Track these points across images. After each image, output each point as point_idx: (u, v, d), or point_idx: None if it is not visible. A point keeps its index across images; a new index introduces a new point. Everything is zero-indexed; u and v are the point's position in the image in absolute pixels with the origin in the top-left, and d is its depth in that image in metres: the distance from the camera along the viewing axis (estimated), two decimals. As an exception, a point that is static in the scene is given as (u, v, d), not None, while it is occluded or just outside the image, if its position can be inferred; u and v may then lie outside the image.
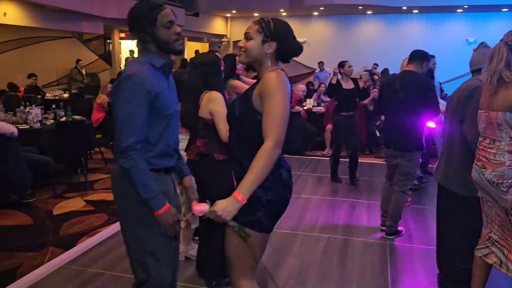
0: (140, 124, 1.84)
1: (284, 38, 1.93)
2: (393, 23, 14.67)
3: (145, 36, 1.89)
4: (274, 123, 1.81)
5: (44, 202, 4.91)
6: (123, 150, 1.82)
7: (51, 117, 6.16)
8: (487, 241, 2.67)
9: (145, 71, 1.87)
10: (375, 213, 4.77)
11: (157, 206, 1.88)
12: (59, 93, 10.15)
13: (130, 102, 1.82)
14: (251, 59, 1.96)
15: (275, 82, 1.84)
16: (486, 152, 2.52)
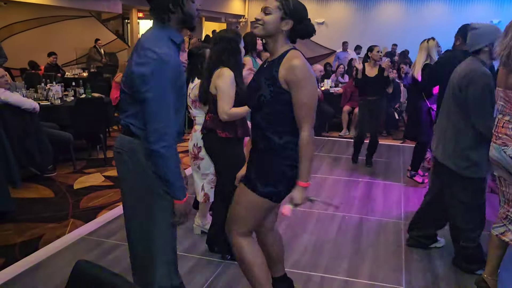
0: (173, 108, 1.83)
1: (302, 19, 2.03)
2: (414, 4, 14.35)
3: (175, 7, 1.82)
4: (307, 113, 2.00)
5: (65, 176, 5.03)
6: (164, 139, 1.79)
7: (71, 94, 6.25)
8: (504, 219, 2.67)
9: (172, 52, 1.83)
10: (390, 194, 4.77)
11: (182, 196, 1.93)
12: (78, 71, 10.24)
13: (163, 86, 1.77)
14: (266, 33, 2.03)
15: (304, 72, 1.96)
16: (506, 129, 2.50)
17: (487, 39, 2.79)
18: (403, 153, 6.54)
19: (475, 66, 2.79)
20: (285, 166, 2.09)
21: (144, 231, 1.97)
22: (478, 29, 2.85)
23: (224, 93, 2.77)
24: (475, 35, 2.85)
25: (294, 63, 1.96)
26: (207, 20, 15.61)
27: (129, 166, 1.94)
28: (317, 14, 14.19)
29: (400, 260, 3.27)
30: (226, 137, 2.87)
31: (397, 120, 8.26)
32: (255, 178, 2.14)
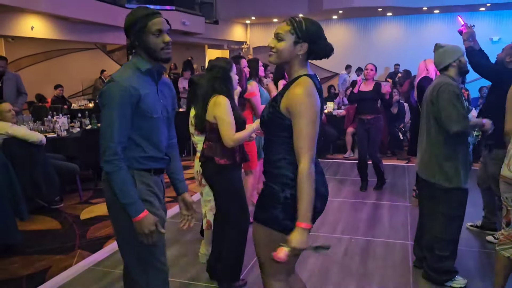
0: (121, 129, 1.89)
1: (316, 39, 1.91)
2: (414, 24, 14.53)
3: (135, 40, 1.95)
4: (306, 143, 1.82)
5: (72, 207, 5.07)
6: (105, 155, 1.89)
7: (77, 126, 6.35)
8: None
9: (128, 75, 1.93)
10: (396, 215, 4.75)
11: (135, 213, 1.92)
12: (84, 103, 10.41)
13: (111, 108, 1.88)
14: (282, 60, 1.93)
15: (302, 101, 1.82)
16: None
17: (453, 56, 3.02)
18: (408, 173, 6.53)
19: (441, 80, 3.00)
20: (277, 185, 1.91)
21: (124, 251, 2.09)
22: (443, 47, 3.09)
23: (225, 121, 2.81)
24: (442, 54, 3.07)
25: (296, 90, 1.85)
26: (210, 47, 15.88)
27: (108, 191, 2.03)
28: (318, 38, 14.36)
29: (408, 282, 3.24)
30: (225, 164, 2.90)
31: (401, 140, 8.27)
32: (256, 205, 2.04)
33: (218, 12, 14.19)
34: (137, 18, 1.93)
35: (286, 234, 1.87)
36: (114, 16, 10.73)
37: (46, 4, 8.73)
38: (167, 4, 12.30)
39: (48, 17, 9.52)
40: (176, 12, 12.19)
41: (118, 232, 2.09)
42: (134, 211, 1.92)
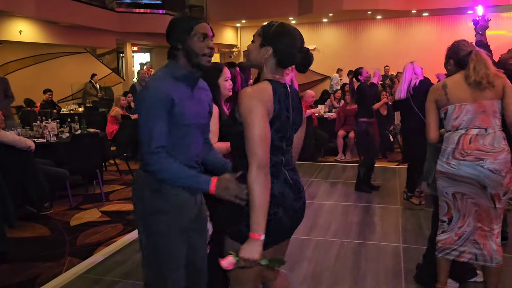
0: (159, 130, 1.88)
1: (278, 43, 1.79)
2: (403, 27, 14.64)
3: (178, 43, 1.94)
4: (251, 147, 1.70)
5: (61, 213, 5.01)
6: (147, 157, 1.89)
7: (67, 131, 6.29)
8: (456, 242, 2.77)
9: (163, 79, 1.93)
10: (388, 217, 4.77)
11: (206, 185, 1.87)
12: (74, 107, 10.34)
13: (147, 111, 1.89)
14: (250, 61, 1.88)
15: (244, 102, 1.72)
16: (477, 144, 2.59)
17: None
18: (399, 175, 6.55)
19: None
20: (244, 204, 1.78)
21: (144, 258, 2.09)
22: None
23: (213, 132, 2.74)
24: None
25: (241, 94, 1.74)
26: (201, 51, 15.83)
27: (135, 197, 2.06)
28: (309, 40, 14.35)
29: (400, 285, 3.25)
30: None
31: (392, 142, 8.31)
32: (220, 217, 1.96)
33: (208, 15, 14.18)
34: (183, 21, 1.95)
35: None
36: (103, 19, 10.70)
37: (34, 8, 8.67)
38: (157, 8, 12.28)
39: (37, 21, 9.46)
40: (166, 15, 12.17)
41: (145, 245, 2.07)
42: (204, 185, 1.88)
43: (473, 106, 2.61)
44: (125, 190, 5.99)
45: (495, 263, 2.69)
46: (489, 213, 2.67)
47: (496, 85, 2.61)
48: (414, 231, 4.31)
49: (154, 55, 16.23)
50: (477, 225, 2.71)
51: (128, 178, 6.62)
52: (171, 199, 1.98)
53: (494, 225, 2.69)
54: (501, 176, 2.56)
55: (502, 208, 2.68)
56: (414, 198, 4.99)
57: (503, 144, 2.59)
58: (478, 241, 2.71)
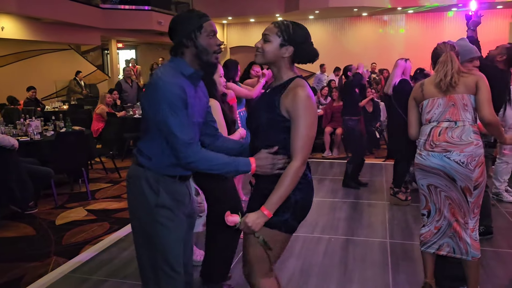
0: (187, 122, 1.87)
1: (301, 44, 1.94)
2: (389, 24, 14.74)
3: (187, 40, 1.92)
4: (303, 144, 1.88)
5: (47, 212, 4.95)
6: (183, 149, 1.86)
7: (51, 129, 6.21)
8: (435, 235, 2.83)
9: (176, 77, 1.90)
10: (375, 213, 4.80)
11: (246, 167, 1.91)
12: (58, 104, 10.20)
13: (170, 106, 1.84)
14: (266, 61, 1.98)
15: (305, 103, 1.87)
16: (445, 136, 2.67)
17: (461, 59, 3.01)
18: (386, 171, 6.60)
19: None
20: None
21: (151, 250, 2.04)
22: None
23: (221, 125, 2.72)
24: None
25: (298, 93, 1.88)
26: (187, 47, 15.75)
27: (132, 192, 2.03)
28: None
29: (388, 280, 3.27)
30: None
31: (378, 139, 8.37)
32: None
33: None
34: (191, 18, 1.93)
35: (290, 234, 2.02)
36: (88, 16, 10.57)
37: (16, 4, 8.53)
38: (142, 4, 12.17)
39: (19, 18, 9.30)
40: (152, 12, 12.06)
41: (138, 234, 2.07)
42: (244, 168, 1.91)
43: (444, 99, 2.71)
44: (111, 188, 5.94)
45: (471, 256, 2.73)
46: (461, 207, 2.72)
47: (466, 83, 2.69)
48: (401, 227, 4.35)
49: (139, 52, 16.10)
50: (453, 218, 2.77)
51: (114, 176, 6.56)
52: (171, 194, 1.99)
53: (468, 219, 2.73)
54: (468, 169, 2.61)
55: (475, 202, 2.70)
56: (400, 194, 5.03)
57: (472, 137, 2.64)
58: (455, 234, 2.77)
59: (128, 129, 7.83)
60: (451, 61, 2.72)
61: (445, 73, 2.70)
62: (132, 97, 9.66)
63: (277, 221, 1.95)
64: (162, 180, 1.97)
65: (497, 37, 11.34)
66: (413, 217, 4.61)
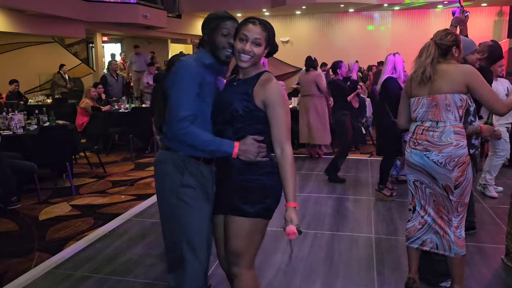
0: (191, 100, 2.03)
1: (273, 42, 2.11)
2: (375, 20, 14.80)
3: (205, 36, 2.16)
4: (286, 130, 2.04)
5: (30, 208, 4.88)
6: (174, 123, 2.03)
7: (34, 123, 6.11)
8: (420, 230, 2.87)
9: (196, 62, 2.11)
10: (360, 208, 4.83)
11: (230, 148, 2.02)
12: (42, 98, 10.05)
13: (180, 83, 2.04)
14: (254, 64, 2.07)
15: (280, 93, 2.03)
16: (427, 136, 2.70)
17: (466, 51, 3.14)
18: (371, 167, 6.65)
19: None
20: (263, 176, 2.07)
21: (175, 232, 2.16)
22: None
23: None
24: None
25: (272, 85, 2.03)
26: (173, 42, 15.65)
27: (159, 175, 2.18)
28: (282, 33, 14.43)
29: (372, 275, 3.30)
30: None
31: (364, 134, 8.42)
32: (241, 202, 2.06)
33: (181, 6, 13.99)
34: (214, 17, 2.15)
35: (269, 219, 2.15)
36: (72, 9, 10.41)
37: (-1, -4, 8.35)
38: (128, -3, 12.02)
39: (2, 10, 9.11)
40: (137, 5, 11.92)
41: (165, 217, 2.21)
42: (228, 149, 2.02)
43: (428, 99, 2.71)
44: (96, 183, 5.88)
45: (453, 253, 2.76)
46: (445, 203, 2.75)
47: (453, 78, 2.63)
48: (386, 222, 4.38)
49: (125, 45, 15.91)
50: (437, 215, 2.80)
51: (99, 171, 6.49)
52: (196, 176, 2.13)
53: (451, 217, 2.75)
54: (447, 169, 2.63)
55: (458, 201, 2.71)
56: (385, 190, 5.07)
57: (452, 138, 2.62)
58: (439, 230, 2.80)
59: (113, 124, 7.75)
60: (426, 52, 2.69)
61: (419, 65, 2.70)
62: (117, 91, 9.55)
63: (260, 209, 2.07)
64: (188, 161, 2.11)
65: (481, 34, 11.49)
66: (398, 212, 4.65)
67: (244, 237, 2.09)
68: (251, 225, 2.08)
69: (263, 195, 2.07)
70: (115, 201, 5.10)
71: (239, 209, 2.06)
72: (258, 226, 2.11)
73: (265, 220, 2.13)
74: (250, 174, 2.06)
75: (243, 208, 2.06)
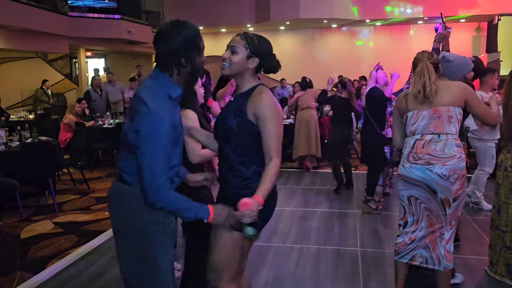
0: (165, 162, 1.80)
1: (266, 56, 2.08)
2: (358, 36, 15.04)
3: (186, 62, 1.83)
4: (277, 143, 2.03)
5: (11, 226, 4.78)
6: (154, 190, 1.78)
7: (16, 139, 6.03)
8: (409, 246, 2.88)
9: (165, 105, 1.80)
10: (346, 221, 4.85)
11: (206, 215, 1.88)
12: (24, 114, 9.93)
13: (157, 140, 1.76)
14: (234, 72, 2.08)
15: (271, 106, 2.02)
16: (428, 149, 2.70)
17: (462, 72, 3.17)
18: (357, 180, 6.68)
19: None
20: (250, 189, 2.05)
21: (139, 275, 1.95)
22: (452, 61, 3.10)
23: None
24: (451, 68, 3.08)
25: (262, 98, 2.02)
26: (158, 57, 15.61)
27: (119, 212, 1.93)
28: (266, 48, 14.54)
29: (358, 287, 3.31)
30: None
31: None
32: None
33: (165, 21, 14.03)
34: (194, 36, 1.85)
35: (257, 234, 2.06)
36: (55, 24, 10.36)
37: (-19, 11, 8.28)
38: (112, 13, 12.02)
39: (-16, 25, 9.03)
40: (122, 21, 11.93)
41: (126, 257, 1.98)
42: (203, 215, 1.87)
43: (429, 112, 2.72)
44: (79, 200, 5.79)
45: (442, 267, 2.78)
46: (439, 218, 2.77)
47: (453, 92, 2.70)
48: (371, 235, 4.40)
49: (109, 60, 15.86)
50: (429, 230, 2.81)
51: (83, 187, 6.40)
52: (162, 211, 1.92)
53: (444, 230, 2.78)
54: (450, 181, 2.66)
55: (453, 214, 2.75)
56: (371, 203, 5.11)
57: (455, 151, 2.67)
58: (429, 245, 2.82)
59: (97, 139, 7.68)
60: (427, 71, 2.72)
61: (423, 84, 2.70)
62: (101, 107, 9.48)
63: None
64: None
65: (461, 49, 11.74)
66: (383, 225, 4.68)
67: (227, 250, 2.11)
68: (235, 237, 2.09)
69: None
70: (99, 218, 5.03)
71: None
72: (241, 240, 2.11)
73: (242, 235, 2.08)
74: (241, 189, 2.08)
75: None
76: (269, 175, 2.00)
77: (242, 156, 2.08)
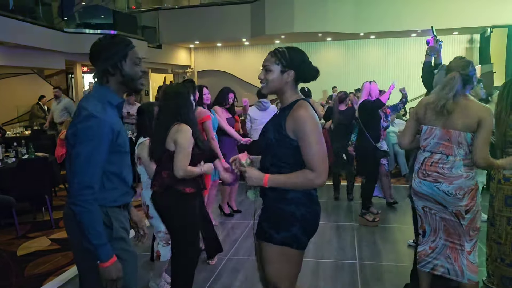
0: (99, 167, 1.81)
1: (300, 65, 2.08)
2: (352, 49, 15.18)
3: (113, 69, 1.88)
4: (318, 159, 1.98)
5: (8, 243, 4.74)
6: (80, 191, 1.76)
7: (13, 155, 6.01)
8: (430, 255, 2.87)
9: (104, 109, 1.84)
10: (344, 234, 4.84)
11: (106, 257, 1.78)
12: (20, 130, 9.92)
13: (90, 145, 1.77)
14: (272, 90, 2.10)
15: (308, 122, 1.98)
16: (437, 168, 2.70)
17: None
18: (354, 192, 6.68)
19: None
20: (291, 206, 2.04)
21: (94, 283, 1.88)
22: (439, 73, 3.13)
23: (183, 149, 2.71)
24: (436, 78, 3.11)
25: (301, 113, 2.00)
26: (154, 71, 15.70)
27: (68, 225, 1.91)
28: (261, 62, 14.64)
29: (358, 302, 3.29)
30: (190, 192, 2.80)
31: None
32: (268, 227, 2.09)
33: (161, 36, 14.12)
34: (117, 45, 1.90)
35: (303, 250, 2.11)
36: (51, 40, 10.40)
37: (-23, 28, 8.32)
38: (108, 29, 12.09)
39: (-20, 42, 9.06)
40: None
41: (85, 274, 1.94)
42: (105, 254, 1.78)
43: (441, 131, 2.69)
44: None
45: (466, 279, 2.73)
46: (455, 228, 2.73)
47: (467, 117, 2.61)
48: (369, 248, 4.40)
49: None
50: (448, 240, 2.80)
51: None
52: (122, 222, 1.95)
53: (463, 241, 2.73)
54: (457, 198, 2.65)
55: (469, 225, 2.70)
56: (368, 215, 5.11)
57: (462, 171, 2.65)
58: (450, 255, 2.79)
59: (93, 155, 7.66)
60: (454, 85, 2.63)
61: (445, 98, 2.63)
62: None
63: (286, 236, 2.04)
64: (111, 211, 1.89)
65: (454, 61, 11.83)
66: (381, 238, 4.68)
67: (275, 261, 2.10)
68: (278, 251, 2.07)
69: (290, 223, 2.04)
70: (96, 234, 4.99)
71: (266, 234, 2.09)
72: (287, 254, 2.07)
73: (293, 249, 2.06)
74: (282, 203, 2.06)
75: (270, 233, 2.07)
76: (295, 177, 2.00)
77: (280, 169, 2.06)
